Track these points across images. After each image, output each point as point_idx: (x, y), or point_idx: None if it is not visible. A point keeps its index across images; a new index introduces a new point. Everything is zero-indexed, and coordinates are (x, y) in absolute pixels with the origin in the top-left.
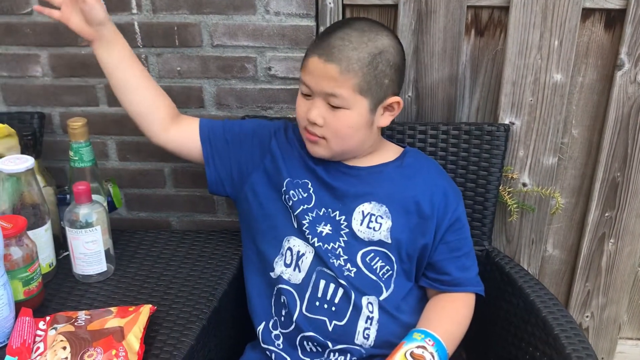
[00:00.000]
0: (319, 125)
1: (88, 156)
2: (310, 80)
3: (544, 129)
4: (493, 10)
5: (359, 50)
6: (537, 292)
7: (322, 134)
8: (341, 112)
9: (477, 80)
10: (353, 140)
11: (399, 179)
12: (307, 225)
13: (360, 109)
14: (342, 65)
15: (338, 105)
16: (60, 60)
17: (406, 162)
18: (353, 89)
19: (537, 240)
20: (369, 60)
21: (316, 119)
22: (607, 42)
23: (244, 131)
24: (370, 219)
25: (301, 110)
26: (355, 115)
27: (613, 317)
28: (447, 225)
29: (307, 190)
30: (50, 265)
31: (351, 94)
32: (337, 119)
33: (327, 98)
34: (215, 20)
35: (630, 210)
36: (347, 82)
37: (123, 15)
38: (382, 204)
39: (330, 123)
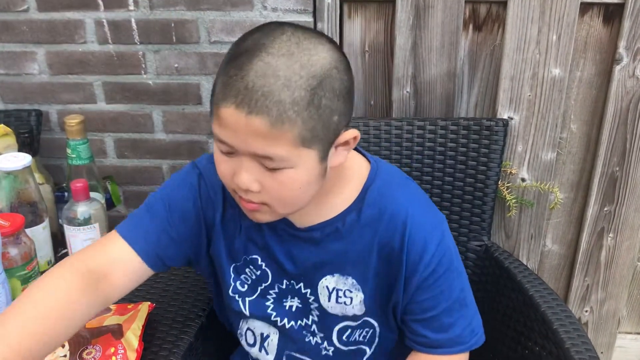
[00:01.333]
0: (255, 191)
1: (85, 153)
2: (229, 137)
3: (542, 124)
4: (491, 5)
5: (291, 86)
6: (536, 287)
7: (262, 200)
8: (282, 173)
9: (476, 75)
10: (304, 199)
11: (362, 240)
12: (272, 307)
13: (307, 163)
14: (271, 116)
15: (275, 167)
16: (57, 57)
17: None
18: (292, 143)
19: (536, 235)
20: (308, 99)
21: (249, 185)
22: (606, 37)
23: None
24: (338, 294)
25: (224, 171)
26: (302, 174)
27: (612, 311)
28: (419, 282)
29: (258, 267)
30: (49, 263)
31: (291, 150)
32: (279, 183)
33: (259, 159)
34: (212, 16)
35: (629, 204)
36: (282, 136)
37: (120, 12)
38: (347, 276)
39: (270, 189)
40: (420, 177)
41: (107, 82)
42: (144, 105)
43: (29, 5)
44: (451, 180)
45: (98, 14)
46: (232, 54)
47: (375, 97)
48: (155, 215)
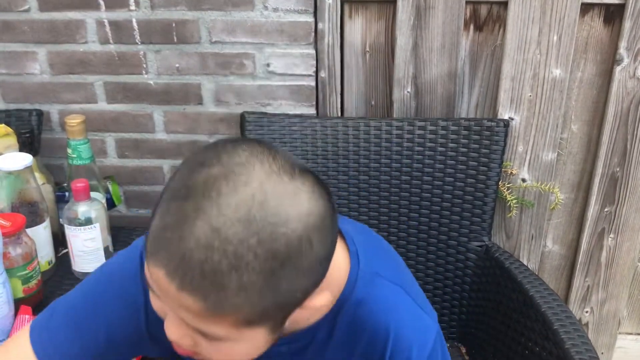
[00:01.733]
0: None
1: (86, 153)
2: (159, 292)
3: (543, 124)
4: (492, 5)
5: (240, 269)
6: (536, 287)
7: (196, 351)
8: (222, 344)
9: (476, 75)
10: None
11: (333, 356)
12: None
13: (254, 340)
14: (209, 301)
15: (212, 338)
16: (59, 57)
17: (340, 330)
18: (233, 325)
19: (537, 236)
20: (261, 284)
21: (179, 341)
22: (606, 37)
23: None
24: None
25: (156, 308)
26: (246, 347)
27: (613, 312)
28: None
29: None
30: (50, 262)
31: (232, 331)
32: (217, 350)
33: (189, 326)
34: (213, 16)
35: (630, 205)
36: (220, 320)
37: (121, 12)
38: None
39: (206, 352)
40: (421, 178)
41: (108, 82)
42: (145, 105)
43: (30, 5)
44: (452, 180)
45: (99, 13)
46: (180, 184)
47: (376, 97)
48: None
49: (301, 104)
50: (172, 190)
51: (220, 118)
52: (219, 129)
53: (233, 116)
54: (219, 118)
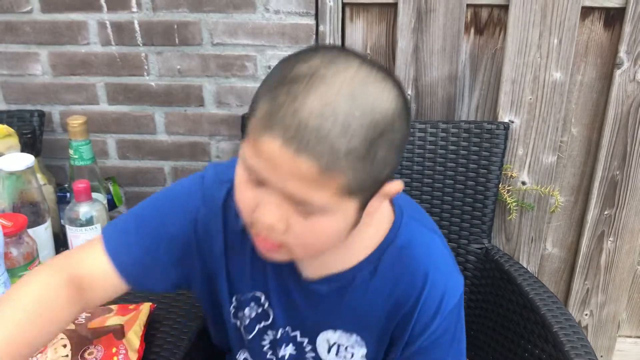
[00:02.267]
0: (279, 231)
1: (88, 154)
2: (266, 171)
3: (543, 127)
4: (492, 8)
5: (348, 134)
6: (536, 290)
7: (283, 241)
8: (315, 219)
9: (477, 78)
10: (329, 247)
11: (372, 298)
12: (267, 346)
13: (345, 213)
14: (322, 162)
15: (310, 212)
16: (60, 58)
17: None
18: (336, 192)
19: (537, 239)
20: (364, 151)
21: (274, 224)
22: (607, 41)
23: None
24: (339, 349)
25: (246, 202)
26: (337, 222)
27: (612, 315)
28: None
29: (260, 304)
30: None
31: (333, 200)
32: (309, 228)
33: (292, 201)
34: (215, 18)
35: (630, 208)
36: (328, 184)
37: (123, 14)
38: (352, 333)
39: (297, 232)
40: (421, 180)
41: (109, 83)
42: (146, 107)
43: (32, 7)
44: (452, 183)
45: (101, 15)
46: (282, 75)
47: None
48: (144, 232)
49: None
50: (275, 81)
51: (221, 119)
52: (220, 130)
53: (234, 118)
54: (220, 119)
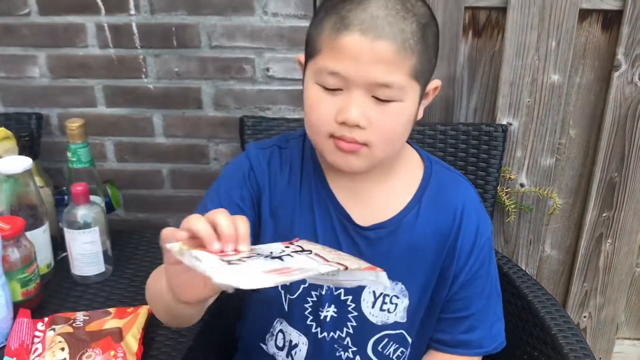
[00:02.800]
0: (362, 128)
1: (86, 157)
2: (348, 67)
3: (541, 130)
4: (490, 11)
5: (408, 19)
6: (535, 292)
7: (365, 138)
8: (392, 106)
9: (475, 81)
10: (400, 142)
11: (417, 239)
12: (310, 310)
13: (413, 98)
14: (397, 42)
15: (389, 97)
16: (58, 61)
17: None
18: (409, 73)
19: (535, 241)
20: (421, 33)
21: (359, 119)
22: (604, 43)
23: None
24: (384, 300)
25: (326, 111)
26: (408, 109)
27: (611, 317)
28: (463, 281)
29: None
30: (49, 266)
31: (406, 81)
32: (389, 116)
33: (373, 90)
34: (213, 21)
35: (628, 210)
36: (403, 64)
37: (121, 17)
38: (397, 282)
39: (377, 123)
40: None
41: (107, 86)
42: (145, 109)
43: (30, 9)
44: None
45: (99, 18)
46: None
47: None
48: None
49: (300, 108)
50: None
51: (219, 122)
52: (218, 132)
53: (232, 120)
54: (219, 122)
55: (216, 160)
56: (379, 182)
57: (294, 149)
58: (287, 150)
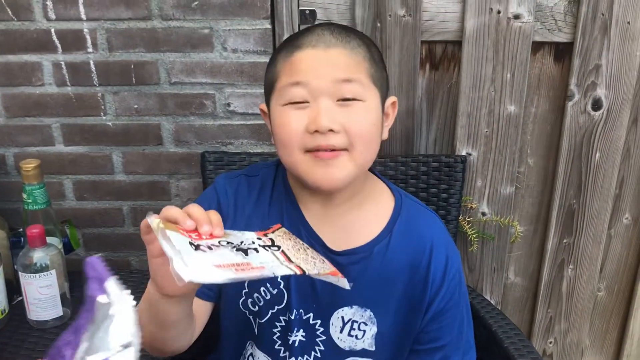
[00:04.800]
0: (336, 132)
1: (42, 198)
2: (308, 74)
3: (500, 159)
4: (446, 44)
5: (351, 37)
6: (498, 322)
7: (342, 142)
8: (357, 105)
9: (434, 112)
10: (375, 145)
11: (388, 269)
12: (278, 335)
13: (374, 102)
14: (346, 48)
15: (352, 95)
16: (14, 99)
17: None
18: (366, 72)
19: (499, 269)
20: (366, 48)
21: (331, 124)
22: (557, 74)
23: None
24: (352, 326)
25: (296, 125)
26: (372, 109)
27: (575, 342)
28: (435, 313)
29: (277, 284)
30: (3, 312)
31: (365, 79)
32: (357, 116)
33: (337, 91)
34: (172, 58)
35: (587, 236)
36: (359, 65)
37: (78, 54)
38: (366, 309)
39: (349, 125)
40: None
41: (65, 124)
42: (104, 147)
43: None
44: None
45: (56, 56)
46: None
47: None
48: None
49: (262, 142)
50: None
51: (180, 158)
52: (179, 168)
53: (193, 156)
54: (180, 158)
55: (177, 196)
56: (350, 209)
57: (265, 176)
58: (257, 178)
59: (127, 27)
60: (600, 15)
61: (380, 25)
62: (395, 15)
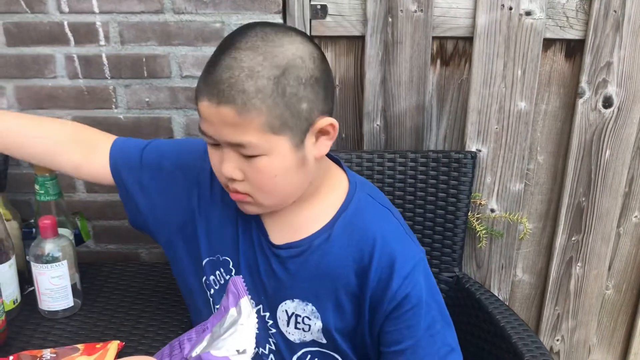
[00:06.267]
0: (239, 180)
1: (54, 189)
2: (208, 128)
3: (510, 156)
4: (457, 40)
5: (254, 76)
6: (507, 318)
7: (245, 189)
8: (258, 160)
9: (444, 108)
10: (284, 189)
11: (328, 263)
12: None
13: (280, 151)
14: (237, 105)
15: (250, 154)
16: (26, 92)
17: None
18: (261, 130)
19: (507, 265)
20: (271, 88)
21: (232, 173)
22: (568, 71)
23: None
24: (297, 320)
25: (214, 162)
26: (277, 162)
27: (583, 340)
28: (386, 312)
29: (228, 271)
30: (15, 301)
31: (262, 138)
32: (256, 170)
33: (235, 148)
34: (184, 51)
35: (596, 233)
36: (250, 124)
37: (91, 47)
38: (308, 302)
39: (250, 177)
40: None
41: (77, 117)
42: None
43: None
44: (422, 212)
45: (68, 49)
46: (212, 55)
47: (347, 130)
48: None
49: None
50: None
51: None
52: None
53: None
54: None
55: None
56: (299, 205)
57: None
58: None
59: (139, 21)
60: (613, 12)
61: (391, 21)
62: (407, 10)
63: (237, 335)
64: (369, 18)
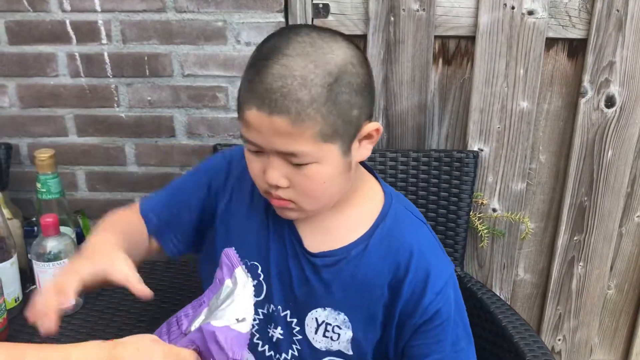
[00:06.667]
0: (283, 187)
1: (56, 188)
2: (256, 137)
3: (512, 155)
4: (460, 40)
5: (308, 85)
6: (509, 317)
7: (289, 196)
8: (310, 168)
9: (446, 108)
10: (330, 193)
11: (364, 273)
12: (256, 328)
13: (331, 158)
14: (291, 115)
15: (300, 162)
16: (28, 90)
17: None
18: (314, 139)
19: (509, 265)
20: (325, 96)
21: (278, 181)
22: (571, 71)
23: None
24: (327, 328)
25: (255, 170)
26: (327, 169)
27: (584, 339)
28: (415, 326)
29: (256, 276)
30: (16, 300)
31: (314, 146)
32: (306, 177)
33: (284, 156)
34: (185, 50)
35: (598, 233)
36: (304, 133)
37: (93, 46)
38: (340, 312)
39: (297, 183)
40: None
41: (79, 115)
42: (117, 138)
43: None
44: (424, 211)
45: (70, 47)
46: (252, 60)
47: None
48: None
49: None
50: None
51: (192, 150)
52: (191, 160)
53: (205, 148)
54: (192, 150)
55: None
56: (335, 211)
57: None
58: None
59: (141, 19)
60: (616, 12)
61: (393, 20)
62: (409, 9)
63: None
64: (371, 17)
